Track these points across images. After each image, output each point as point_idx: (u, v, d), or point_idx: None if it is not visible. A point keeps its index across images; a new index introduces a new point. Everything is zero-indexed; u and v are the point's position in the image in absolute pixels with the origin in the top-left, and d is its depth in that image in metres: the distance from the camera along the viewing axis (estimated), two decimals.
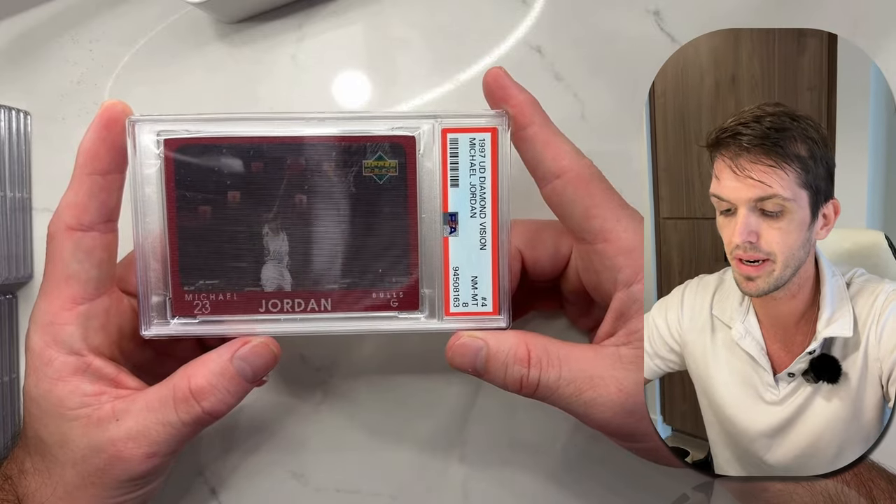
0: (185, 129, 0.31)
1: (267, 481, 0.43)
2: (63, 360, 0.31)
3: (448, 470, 0.42)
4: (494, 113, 0.32)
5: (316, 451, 0.42)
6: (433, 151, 0.32)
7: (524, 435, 0.42)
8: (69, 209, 0.31)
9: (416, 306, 0.33)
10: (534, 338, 0.33)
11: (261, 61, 0.44)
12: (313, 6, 0.43)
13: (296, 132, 0.31)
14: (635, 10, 0.41)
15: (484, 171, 0.32)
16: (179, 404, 0.31)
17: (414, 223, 0.32)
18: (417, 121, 0.31)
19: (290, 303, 0.32)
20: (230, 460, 0.43)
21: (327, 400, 0.43)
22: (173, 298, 0.32)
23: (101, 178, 0.31)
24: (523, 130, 0.32)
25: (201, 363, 0.32)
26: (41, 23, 0.45)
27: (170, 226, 0.31)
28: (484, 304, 0.33)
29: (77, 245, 0.31)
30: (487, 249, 0.32)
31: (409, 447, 0.43)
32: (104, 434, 0.31)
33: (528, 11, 0.42)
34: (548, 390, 0.32)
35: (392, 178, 0.31)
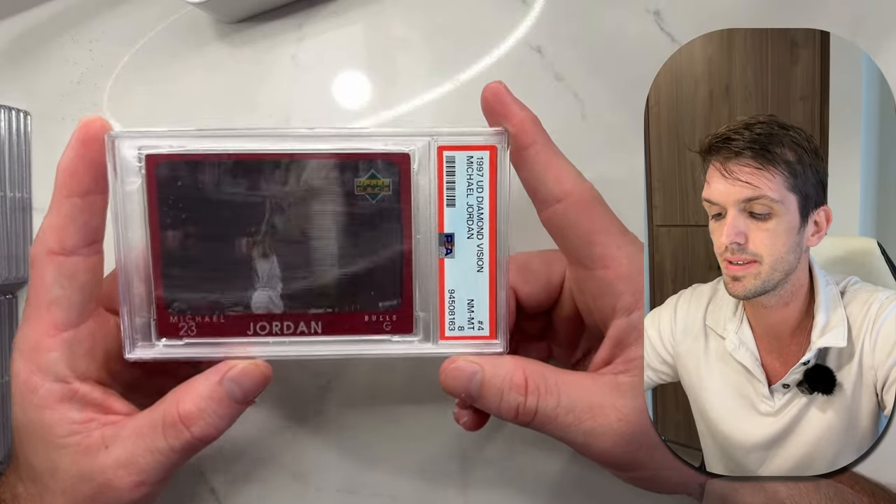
0: (168, 144, 0.29)
1: (267, 481, 0.42)
2: (48, 387, 0.31)
3: (448, 470, 0.42)
4: (493, 130, 0.30)
5: (316, 452, 0.42)
6: (429, 170, 0.30)
7: (525, 434, 0.40)
8: (50, 233, 0.30)
9: (410, 329, 0.31)
10: (531, 364, 0.31)
11: (261, 61, 0.43)
12: (313, 6, 0.43)
13: (285, 149, 0.29)
14: (635, 10, 0.41)
15: (482, 191, 0.30)
16: (168, 430, 0.31)
17: (408, 244, 0.30)
18: (412, 138, 0.29)
19: (279, 325, 0.31)
20: (231, 460, 0.42)
21: (327, 399, 0.42)
22: (158, 320, 0.31)
23: (82, 199, 0.30)
24: (525, 150, 0.30)
25: (189, 387, 0.31)
26: (41, 23, 0.45)
27: (153, 245, 0.30)
28: (480, 328, 0.31)
29: (59, 270, 0.30)
30: (485, 272, 0.31)
31: (409, 447, 0.42)
32: (93, 462, 0.30)
33: (529, 11, 0.42)
34: (545, 419, 0.31)
35: (385, 197, 0.30)
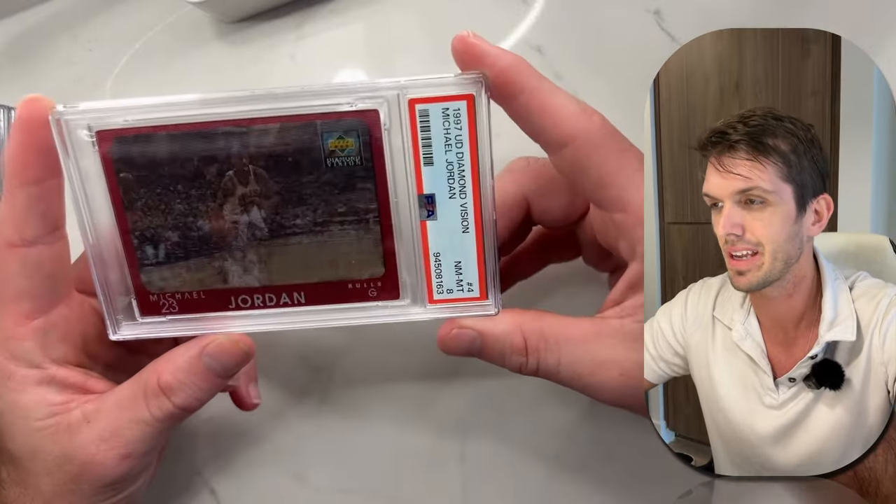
0: (120, 117, 0.27)
1: (266, 481, 0.42)
2: (24, 373, 0.30)
3: (448, 470, 0.41)
4: (468, 76, 0.27)
5: (315, 451, 0.42)
6: (401, 126, 0.28)
7: (525, 434, 0.41)
8: (8, 225, 0.28)
9: (398, 295, 0.30)
10: (529, 321, 0.30)
11: (260, 60, 0.44)
12: (312, 5, 0.43)
13: (241, 113, 0.27)
14: (636, 10, 0.41)
15: (461, 146, 0.28)
16: (151, 400, 0.30)
17: (386, 208, 0.29)
18: (380, 91, 0.27)
19: (260, 298, 0.30)
20: (229, 460, 0.42)
21: (327, 399, 0.42)
22: (138, 300, 0.30)
23: (37, 186, 0.28)
24: (514, 100, 0.29)
25: (169, 358, 0.30)
26: (41, 22, 0.46)
27: (120, 225, 0.29)
28: (470, 289, 0.30)
29: (24, 262, 0.29)
30: (471, 232, 0.29)
31: (409, 447, 0.42)
32: (74, 440, 0.30)
33: (529, 11, 0.42)
34: (548, 375, 0.30)
35: (358, 159, 0.28)
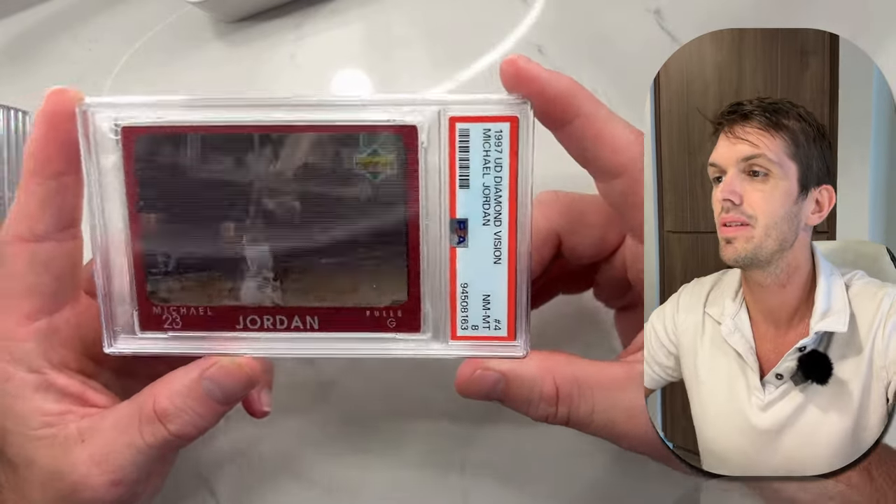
0: (148, 115, 0.26)
1: (266, 482, 0.41)
2: (22, 377, 0.29)
3: (449, 472, 0.41)
4: (514, 98, 0.26)
5: (316, 453, 0.41)
6: (439, 144, 0.26)
7: (528, 442, 0.41)
8: (21, 219, 0.28)
9: (418, 327, 0.28)
10: (560, 365, 0.28)
11: (260, 60, 0.43)
12: (312, 5, 0.43)
13: (277, 121, 0.26)
14: (636, 9, 0.41)
15: (500, 170, 0.27)
16: (145, 426, 0.28)
17: (415, 231, 0.27)
18: (420, 107, 0.26)
19: (270, 319, 0.28)
20: (229, 461, 0.42)
21: (328, 400, 0.41)
22: (140, 311, 0.28)
23: (56, 181, 0.27)
24: (569, 125, 0.28)
25: (168, 381, 0.28)
26: (40, 22, 0.46)
27: (133, 228, 0.27)
28: (497, 327, 0.28)
29: (33, 257, 0.28)
30: (503, 263, 0.27)
31: (411, 448, 0.41)
32: (67, 458, 0.28)
33: (529, 10, 0.42)
34: (578, 424, 0.29)
35: (389, 177, 0.27)
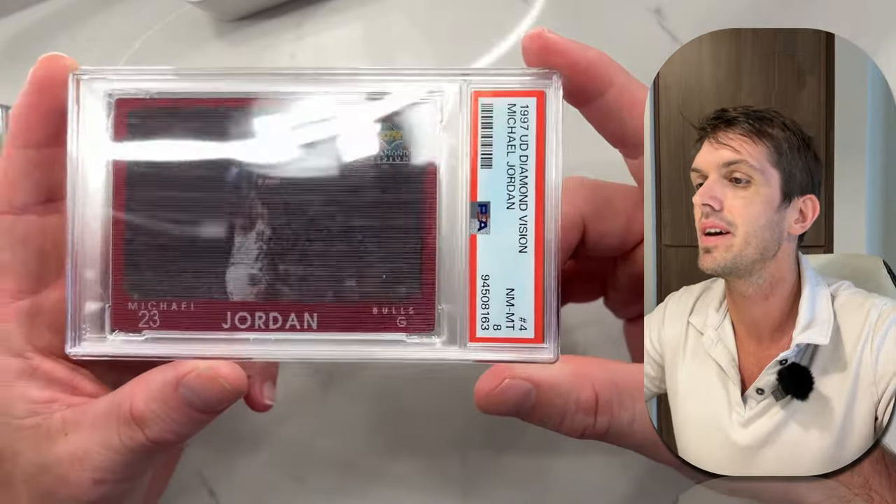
0: (143, 87, 0.24)
1: (266, 482, 0.40)
2: (4, 362, 0.26)
3: (449, 471, 0.40)
4: (541, 71, 0.24)
5: (315, 452, 0.40)
6: (460, 121, 0.24)
7: (529, 440, 0.40)
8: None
9: (432, 327, 0.24)
10: (598, 370, 0.25)
11: (260, 60, 0.43)
12: (312, 4, 0.43)
13: (283, 93, 0.24)
14: (636, 8, 0.41)
15: (526, 148, 0.24)
16: (122, 427, 0.25)
17: (431, 215, 0.24)
18: (439, 80, 0.24)
19: (262, 317, 0.24)
20: (229, 461, 0.40)
21: (327, 399, 0.40)
22: (114, 307, 0.24)
23: (36, 151, 0.25)
24: (601, 98, 0.26)
25: (145, 381, 0.25)
26: (39, 21, 0.46)
27: (116, 211, 0.24)
28: (523, 327, 0.24)
29: (10, 231, 0.26)
30: (529, 252, 0.24)
31: (411, 448, 0.40)
32: (52, 451, 0.26)
33: (529, 10, 0.42)
34: (618, 435, 0.26)
35: (403, 155, 0.24)
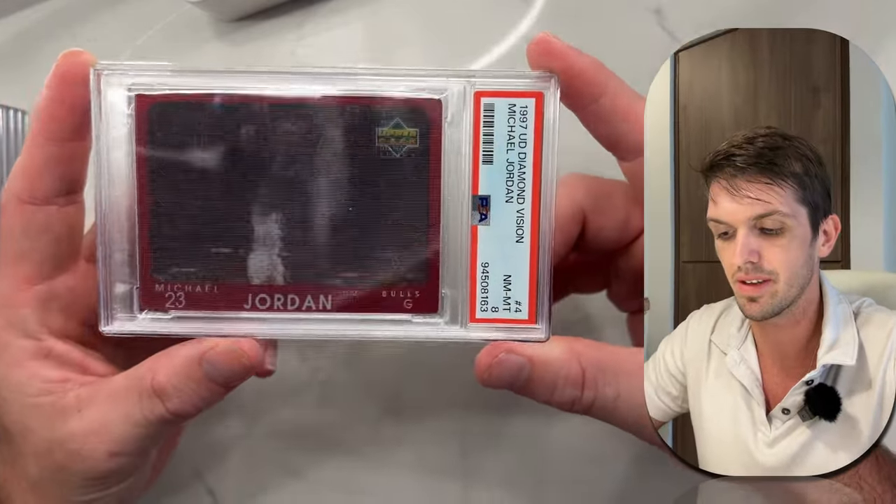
0: (164, 83, 0.25)
1: (265, 482, 0.41)
2: (19, 344, 0.28)
3: (449, 470, 0.40)
4: (539, 74, 0.26)
5: (314, 451, 0.41)
6: (463, 119, 0.26)
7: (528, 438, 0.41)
8: (21, 179, 0.27)
9: (436, 309, 0.27)
10: (585, 349, 0.28)
11: (260, 59, 0.43)
12: (313, 4, 0.43)
13: (295, 91, 0.25)
14: (636, 9, 0.41)
15: (524, 146, 0.26)
16: (144, 400, 0.27)
17: (436, 207, 0.26)
18: (445, 80, 0.26)
19: (281, 299, 0.26)
20: (228, 461, 0.41)
21: (327, 399, 0.41)
22: (141, 288, 0.26)
23: (58, 145, 0.27)
24: (595, 103, 0.28)
25: (167, 356, 0.27)
26: (39, 21, 0.46)
27: (140, 199, 0.26)
28: (518, 309, 0.27)
29: (30, 221, 0.27)
30: (525, 242, 0.26)
31: (411, 447, 0.41)
32: (65, 427, 0.27)
33: (529, 9, 0.42)
34: (603, 410, 0.28)
35: (411, 151, 0.26)
